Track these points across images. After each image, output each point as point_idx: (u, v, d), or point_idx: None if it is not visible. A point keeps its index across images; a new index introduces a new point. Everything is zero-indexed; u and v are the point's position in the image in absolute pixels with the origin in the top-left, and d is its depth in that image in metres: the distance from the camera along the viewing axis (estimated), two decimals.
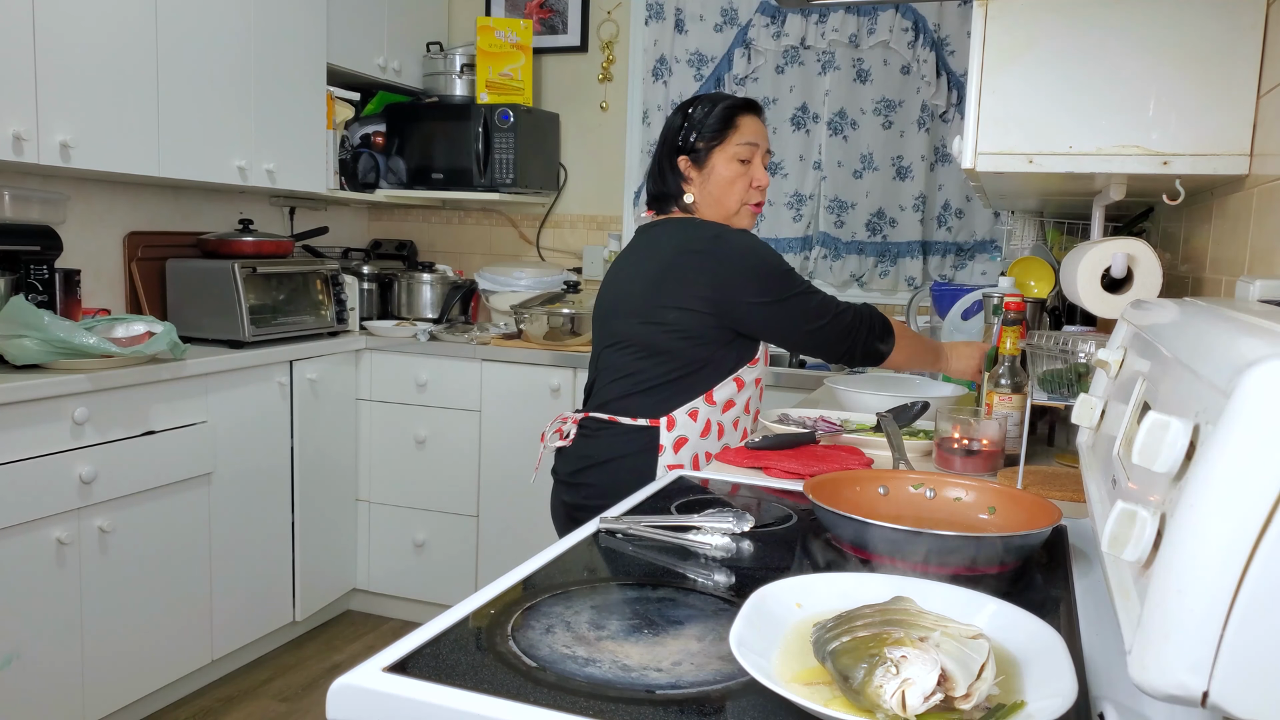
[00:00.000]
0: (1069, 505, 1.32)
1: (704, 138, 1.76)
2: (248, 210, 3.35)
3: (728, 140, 1.76)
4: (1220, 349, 0.57)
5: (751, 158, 1.78)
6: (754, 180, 1.78)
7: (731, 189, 1.77)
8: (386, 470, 3.30)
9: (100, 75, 2.43)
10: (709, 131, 1.76)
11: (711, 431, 1.75)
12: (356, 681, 0.73)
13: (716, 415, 1.75)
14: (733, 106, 1.77)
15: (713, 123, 1.76)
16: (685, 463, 1.71)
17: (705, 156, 1.76)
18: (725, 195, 1.77)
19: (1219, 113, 1.30)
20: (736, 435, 1.81)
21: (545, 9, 3.77)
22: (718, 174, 1.76)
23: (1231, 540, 0.46)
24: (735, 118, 1.77)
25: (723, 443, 1.76)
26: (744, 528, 1.09)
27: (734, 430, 1.79)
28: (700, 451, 1.74)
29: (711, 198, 1.78)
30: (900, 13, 3.28)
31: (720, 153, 1.76)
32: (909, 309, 2.62)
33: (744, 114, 1.78)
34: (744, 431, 1.83)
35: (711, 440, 1.75)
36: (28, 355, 2.21)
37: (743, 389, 1.77)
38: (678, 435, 1.73)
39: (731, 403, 1.76)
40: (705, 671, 0.75)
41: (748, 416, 1.83)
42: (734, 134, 1.76)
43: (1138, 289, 1.48)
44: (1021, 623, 0.78)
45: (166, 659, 2.58)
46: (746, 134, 1.77)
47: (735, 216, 1.79)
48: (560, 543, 1.08)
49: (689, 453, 1.73)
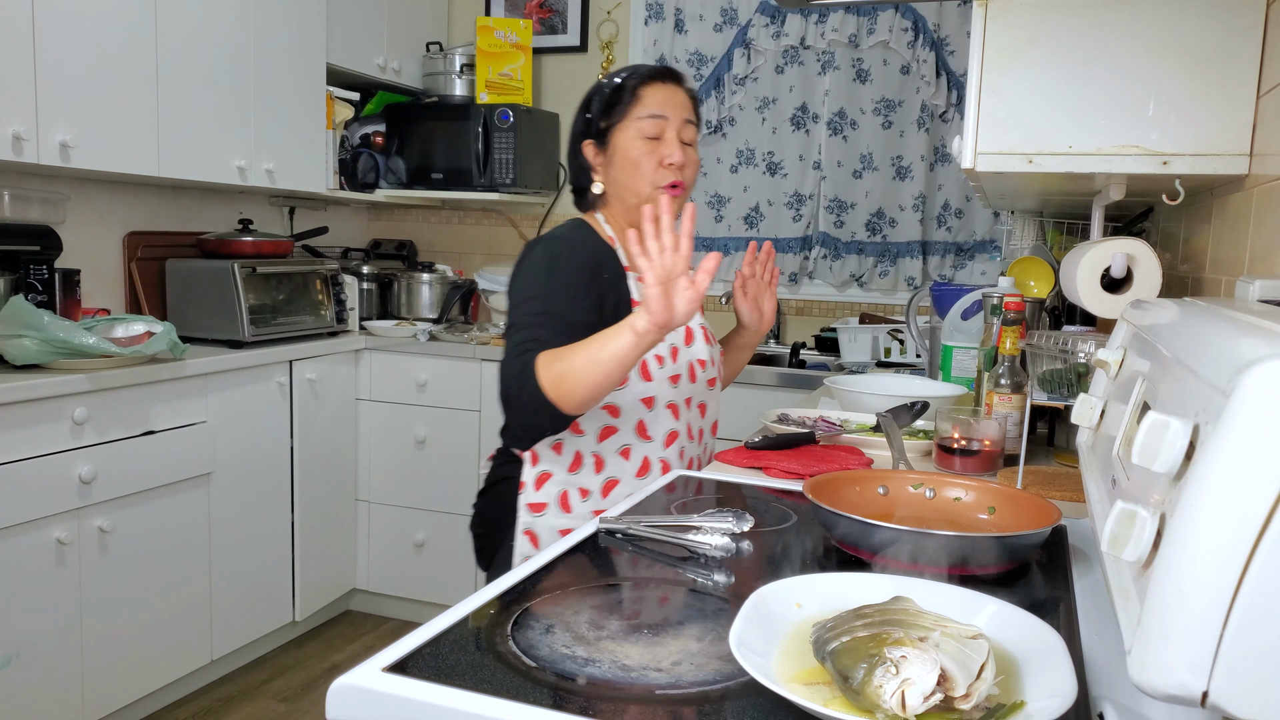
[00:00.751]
0: (1069, 505, 1.32)
1: (604, 116, 1.54)
2: (247, 210, 3.35)
3: (629, 114, 1.52)
4: (1220, 349, 0.57)
5: (660, 133, 1.52)
6: (663, 157, 1.51)
7: (637, 171, 1.51)
8: (386, 470, 3.30)
9: (100, 75, 2.43)
10: (607, 108, 1.53)
11: (585, 465, 1.52)
12: (356, 681, 0.73)
13: (590, 446, 1.52)
14: (635, 76, 1.54)
15: (610, 97, 1.53)
16: (550, 501, 1.52)
17: (608, 136, 1.54)
18: (631, 178, 1.52)
19: (1219, 113, 1.30)
20: (631, 467, 1.53)
21: (545, 9, 3.77)
22: (621, 154, 1.52)
23: (1231, 540, 0.46)
24: (637, 89, 1.52)
25: (605, 476, 1.52)
26: (744, 528, 1.09)
27: (626, 461, 1.53)
28: (571, 487, 1.52)
29: (618, 184, 1.54)
30: (900, 13, 3.28)
31: (621, 131, 1.52)
32: (909, 309, 2.62)
33: (647, 84, 1.53)
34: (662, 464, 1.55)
35: (587, 475, 1.52)
36: (28, 355, 2.21)
37: (620, 415, 1.52)
38: (540, 470, 1.53)
39: (611, 430, 1.52)
40: (705, 671, 0.75)
41: (652, 445, 1.54)
42: (635, 106, 1.51)
43: (1137, 289, 1.48)
44: (1021, 623, 0.78)
45: (166, 659, 2.58)
46: (651, 105, 1.52)
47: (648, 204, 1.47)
48: (560, 543, 1.08)
49: (555, 490, 1.52)
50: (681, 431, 1.57)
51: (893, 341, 3.03)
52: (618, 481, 1.53)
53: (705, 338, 1.63)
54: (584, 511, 1.51)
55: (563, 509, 1.52)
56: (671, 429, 1.55)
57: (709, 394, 1.64)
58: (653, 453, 1.54)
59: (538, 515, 1.53)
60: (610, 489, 1.53)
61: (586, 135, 1.56)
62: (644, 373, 1.51)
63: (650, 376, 1.52)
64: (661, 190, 1.50)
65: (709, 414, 1.67)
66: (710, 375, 1.63)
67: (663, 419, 1.54)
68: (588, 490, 1.52)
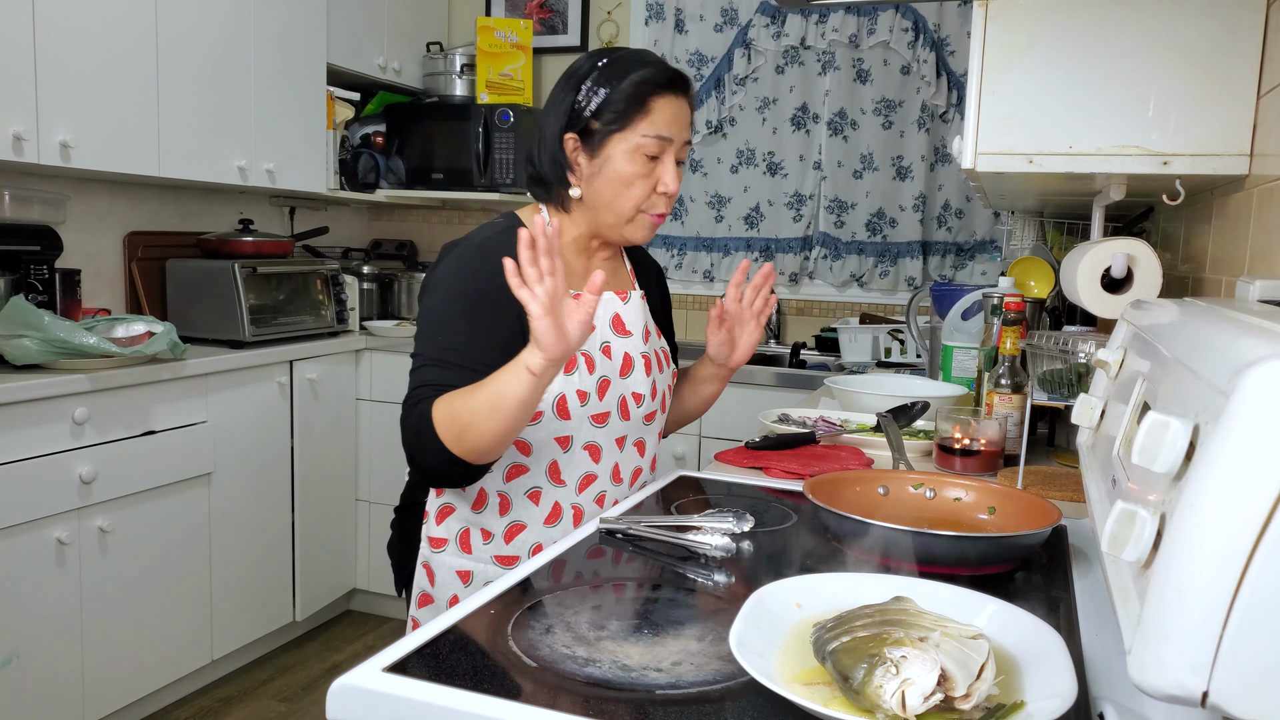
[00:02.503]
0: (1069, 505, 1.33)
1: (603, 115, 1.29)
2: (248, 210, 3.35)
3: (633, 125, 1.29)
4: (1220, 349, 0.57)
5: (661, 153, 1.31)
6: (659, 184, 1.31)
7: (627, 192, 1.30)
8: (386, 470, 3.30)
9: (100, 75, 2.43)
10: (611, 110, 1.29)
11: (489, 504, 1.34)
12: (356, 681, 0.73)
13: (496, 484, 1.33)
14: (648, 81, 1.29)
15: (618, 99, 1.29)
16: (450, 538, 1.36)
17: (601, 141, 1.30)
18: (618, 197, 1.31)
19: (1219, 113, 1.30)
20: (539, 513, 1.34)
21: (545, 9, 3.77)
22: (613, 167, 1.30)
23: (1231, 540, 0.46)
24: (649, 98, 1.29)
25: (510, 520, 1.34)
26: (744, 528, 1.09)
27: (534, 506, 1.34)
28: (474, 527, 1.35)
29: (600, 197, 1.32)
30: (900, 13, 3.28)
31: (620, 141, 1.29)
32: (909, 309, 2.62)
33: (662, 94, 1.30)
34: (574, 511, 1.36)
35: (490, 515, 1.34)
36: (28, 355, 2.21)
37: (531, 454, 1.32)
38: (443, 503, 1.38)
39: (521, 469, 1.33)
40: (705, 671, 0.75)
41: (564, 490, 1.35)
42: (643, 119, 1.29)
43: (1138, 289, 1.48)
44: (1021, 623, 0.78)
45: (166, 659, 2.58)
46: (660, 122, 1.30)
47: (628, 226, 1.33)
48: (560, 543, 1.08)
49: (456, 526, 1.36)
50: (603, 475, 1.37)
51: (893, 341, 3.03)
52: (524, 527, 1.34)
53: (647, 367, 1.41)
54: (484, 555, 1.34)
55: (462, 549, 1.36)
56: (588, 472, 1.36)
57: (646, 430, 1.43)
58: (564, 498, 1.35)
59: (437, 551, 1.37)
60: (514, 535, 1.34)
61: (572, 127, 1.31)
62: (561, 410, 1.31)
63: (569, 414, 1.32)
64: (647, 216, 1.33)
65: (648, 451, 1.45)
66: (650, 410, 1.41)
67: (578, 461, 1.35)
68: (490, 533, 1.34)
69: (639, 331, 1.42)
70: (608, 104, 1.29)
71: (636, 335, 1.41)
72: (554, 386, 1.29)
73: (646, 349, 1.42)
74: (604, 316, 1.38)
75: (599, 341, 1.36)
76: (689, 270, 3.70)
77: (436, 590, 1.38)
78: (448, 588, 1.37)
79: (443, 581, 1.37)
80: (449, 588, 1.37)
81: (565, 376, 1.30)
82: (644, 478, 1.45)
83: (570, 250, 1.38)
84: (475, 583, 1.35)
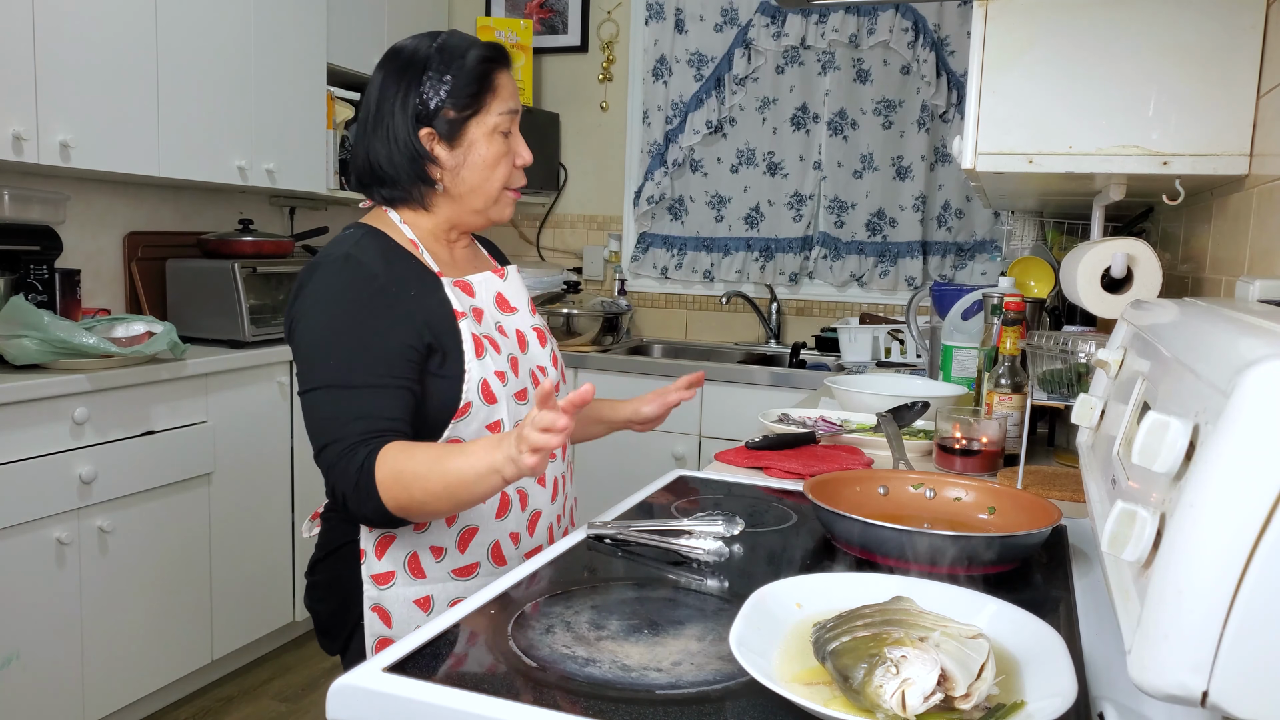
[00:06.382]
0: (1069, 505, 1.33)
1: (456, 103, 1.28)
2: (248, 210, 3.35)
3: (488, 107, 1.29)
4: (1220, 349, 0.57)
5: (511, 128, 1.33)
6: (518, 157, 1.34)
7: (494, 173, 1.31)
8: None
9: (100, 75, 2.43)
10: (463, 95, 1.28)
11: (433, 521, 1.26)
12: (356, 681, 0.73)
13: None
14: (489, 59, 1.30)
15: (466, 82, 1.28)
16: (398, 568, 1.26)
17: (459, 129, 1.29)
18: (486, 181, 1.31)
19: (1219, 113, 1.30)
20: (488, 509, 1.29)
21: (545, 9, 3.77)
22: (477, 153, 1.30)
23: (1231, 540, 0.46)
24: (494, 74, 1.30)
25: (460, 527, 1.28)
26: (734, 531, 1.09)
27: (480, 506, 1.27)
28: (421, 548, 1.27)
29: (465, 186, 1.31)
30: (900, 13, 3.28)
31: (479, 125, 1.29)
32: (909, 309, 2.62)
33: (499, 68, 1.31)
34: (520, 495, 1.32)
35: (437, 531, 1.27)
36: (28, 355, 2.21)
37: None
38: (381, 534, 1.26)
39: None
40: (705, 671, 0.75)
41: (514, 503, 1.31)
42: (494, 99, 1.30)
43: (1137, 289, 1.48)
44: (1021, 623, 0.78)
45: (166, 659, 2.58)
46: (507, 96, 1.31)
47: (493, 208, 1.34)
48: (558, 545, 1.08)
49: (401, 554, 1.26)
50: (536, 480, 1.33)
51: (893, 341, 3.03)
52: (476, 530, 1.29)
53: (541, 339, 1.41)
54: (440, 574, 1.27)
55: (414, 574, 1.27)
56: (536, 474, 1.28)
57: None
58: (508, 487, 1.27)
59: (385, 587, 1.26)
60: (469, 540, 1.28)
61: (425, 122, 1.28)
62: (487, 394, 1.27)
63: (495, 397, 1.28)
64: (509, 193, 1.35)
65: None
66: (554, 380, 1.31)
67: None
68: (441, 548, 1.27)
69: (524, 306, 1.41)
70: (456, 90, 1.27)
71: (523, 310, 1.41)
72: (473, 374, 1.25)
73: (535, 322, 1.43)
74: (487, 297, 1.35)
75: (492, 322, 1.34)
76: (689, 270, 3.70)
77: (396, 630, 1.26)
78: (408, 622, 1.26)
79: (401, 617, 1.26)
80: (409, 621, 1.26)
81: (479, 361, 1.26)
82: (569, 453, 1.45)
83: (431, 241, 1.34)
84: (438, 606, 1.26)
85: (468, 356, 1.25)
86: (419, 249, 1.31)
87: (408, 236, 1.31)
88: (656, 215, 3.75)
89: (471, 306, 1.31)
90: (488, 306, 1.35)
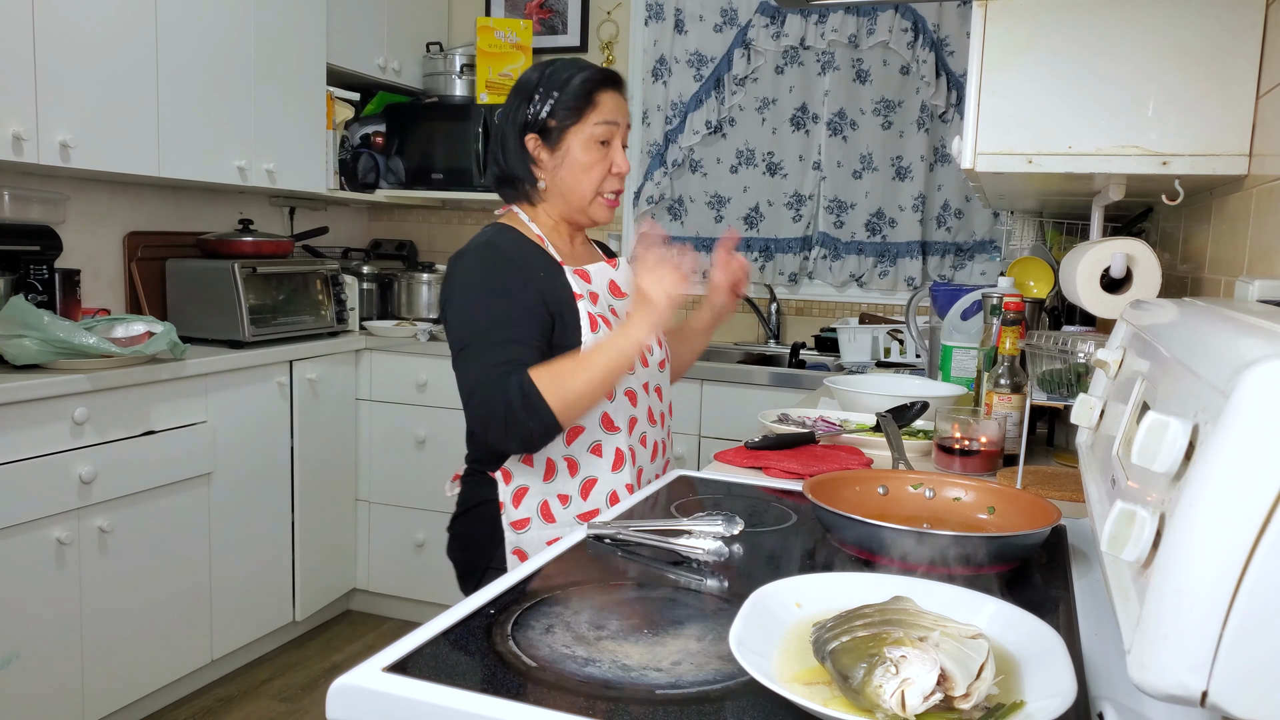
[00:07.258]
0: (1068, 505, 1.33)
1: (557, 114, 1.52)
2: (248, 210, 3.35)
3: (585, 118, 1.52)
4: (1219, 349, 0.57)
5: (611, 138, 1.55)
6: (614, 165, 1.55)
7: (587, 176, 1.54)
8: (386, 470, 3.30)
9: (100, 75, 2.43)
10: (564, 108, 1.52)
11: (559, 471, 1.51)
12: (356, 681, 0.73)
13: (560, 451, 1.51)
14: (592, 80, 1.53)
15: (568, 98, 1.52)
16: (532, 515, 1.51)
17: (559, 136, 1.53)
18: (580, 183, 1.54)
19: (1218, 113, 1.30)
20: (605, 463, 1.53)
21: (545, 9, 3.77)
22: (573, 158, 1.53)
23: (1231, 540, 0.46)
24: (595, 93, 1.53)
25: (582, 478, 1.52)
26: (734, 531, 1.09)
27: (599, 458, 1.53)
28: (551, 496, 1.51)
29: (564, 185, 1.55)
30: (900, 13, 3.28)
31: (576, 133, 1.52)
32: (909, 309, 2.62)
33: (604, 89, 1.54)
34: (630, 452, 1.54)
35: (563, 480, 1.51)
36: (28, 355, 2.21)
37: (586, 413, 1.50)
38: (516, 486, 1.51)
39: (578, 430, 1.51)
40: (705, 671, 0.75)
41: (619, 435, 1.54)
42: (593, 112, 1.53)
43: (1137, 289, 1.48)
44: (1021, 623, 0.78)
45: (166, 659, 2.58)
46: (606, 111, 1.53)
47: (590, 207, 1.57)
48: (557, 545, 1.08)
49: (535, 502, 1.51)
50: (642, 417, 1.58)
51: (893, 341, 3.03)
52: (595, 480, 1.52)
53: None
54: (567, 519, 1.51)
55: (546, 520, 1.50)
56: (632, 415, 1.56)
57: (660, 376, 1.66)
58: (621, 443, 1.54)
59: (522, 532, 1.51)
60: (590, 489, 1.52)
61: (531, 129, 1.54)
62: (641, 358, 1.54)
63: None
64: (604, 197, 1.57)
65: (665, 396, 1.68)
66: (660, 357, 1.65)
67: (624, 407, 1.55)
68: (567, 496, 1.51)
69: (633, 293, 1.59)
70: (560, 104, 1.52)
71: (632, 296, 1.57)
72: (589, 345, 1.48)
73: None
74: (602, 283, 1.59)
75: (605, 304, 1.57)
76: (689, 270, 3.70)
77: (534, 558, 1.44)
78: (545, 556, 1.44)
79: None
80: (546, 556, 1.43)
81: (593, 335, 1.49)
82: (669, 422, 1.69)
83: (553, 235, 1.58)
84: None
85: (584, 330, 1.50)
86: (544, 242, 1.56)
87: (534, 232, 1.56)
88: (656, 215, 3.75)
89: (588, 290, 1.55)
90: (602, 291, 1.59)
